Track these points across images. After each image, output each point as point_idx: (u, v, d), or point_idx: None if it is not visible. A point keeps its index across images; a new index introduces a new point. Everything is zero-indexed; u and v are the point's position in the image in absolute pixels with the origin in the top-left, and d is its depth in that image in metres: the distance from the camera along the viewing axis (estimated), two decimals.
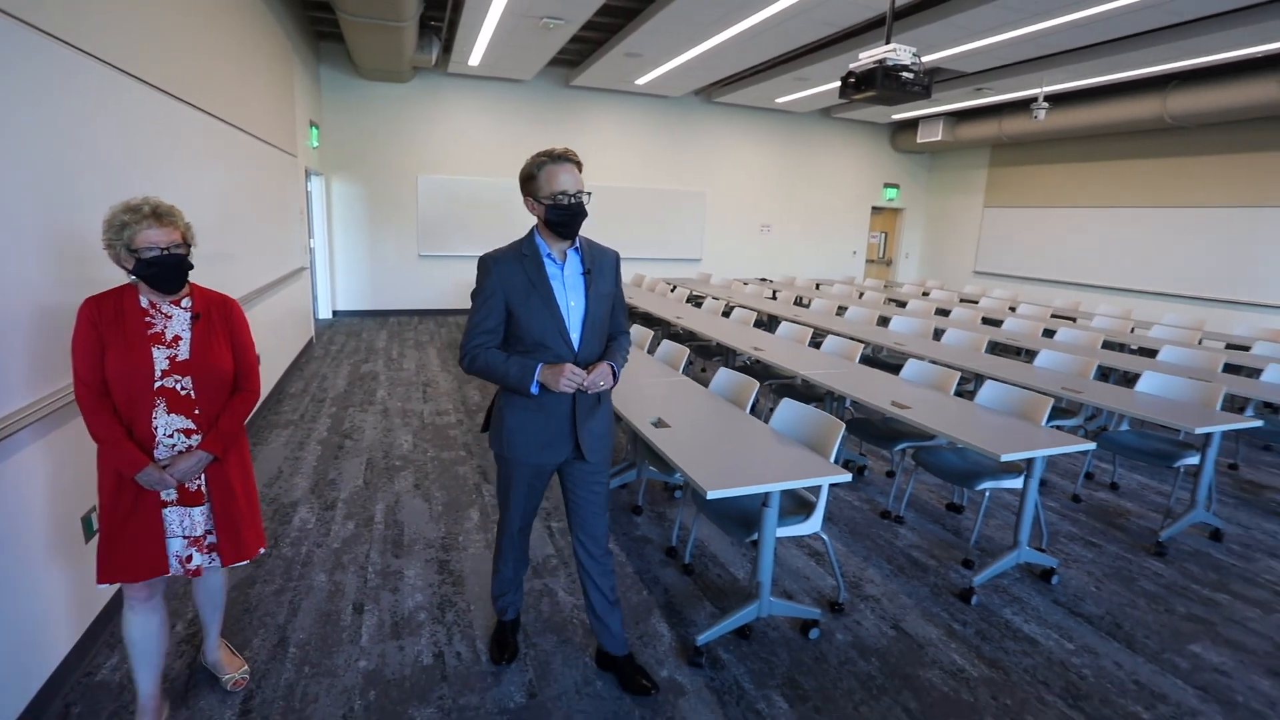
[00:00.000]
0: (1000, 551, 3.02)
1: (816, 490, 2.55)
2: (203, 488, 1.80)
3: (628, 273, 9.94)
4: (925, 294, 8.81)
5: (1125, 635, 2.58)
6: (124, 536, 1.72)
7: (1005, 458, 2.57)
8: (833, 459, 2.43)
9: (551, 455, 2.02)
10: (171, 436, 1.73)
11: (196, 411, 1.75)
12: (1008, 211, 10.71)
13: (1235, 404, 4.58)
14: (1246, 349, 5.46)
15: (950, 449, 3.35)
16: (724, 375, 3.36)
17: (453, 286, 9.51)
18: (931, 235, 12.34)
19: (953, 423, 2.94)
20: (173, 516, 1.78)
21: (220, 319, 1.82)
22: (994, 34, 5.86)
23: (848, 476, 2.28)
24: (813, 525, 2.49)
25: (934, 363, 3.86)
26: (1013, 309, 7.41)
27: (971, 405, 3.30)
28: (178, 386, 1.72)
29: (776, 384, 4.54)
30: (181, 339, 1.73)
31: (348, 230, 8.87)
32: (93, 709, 2.00)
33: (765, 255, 11.38)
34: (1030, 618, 2.68)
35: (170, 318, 1.74)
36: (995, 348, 5.72)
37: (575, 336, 1.95)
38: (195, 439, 1.75)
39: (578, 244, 1.98)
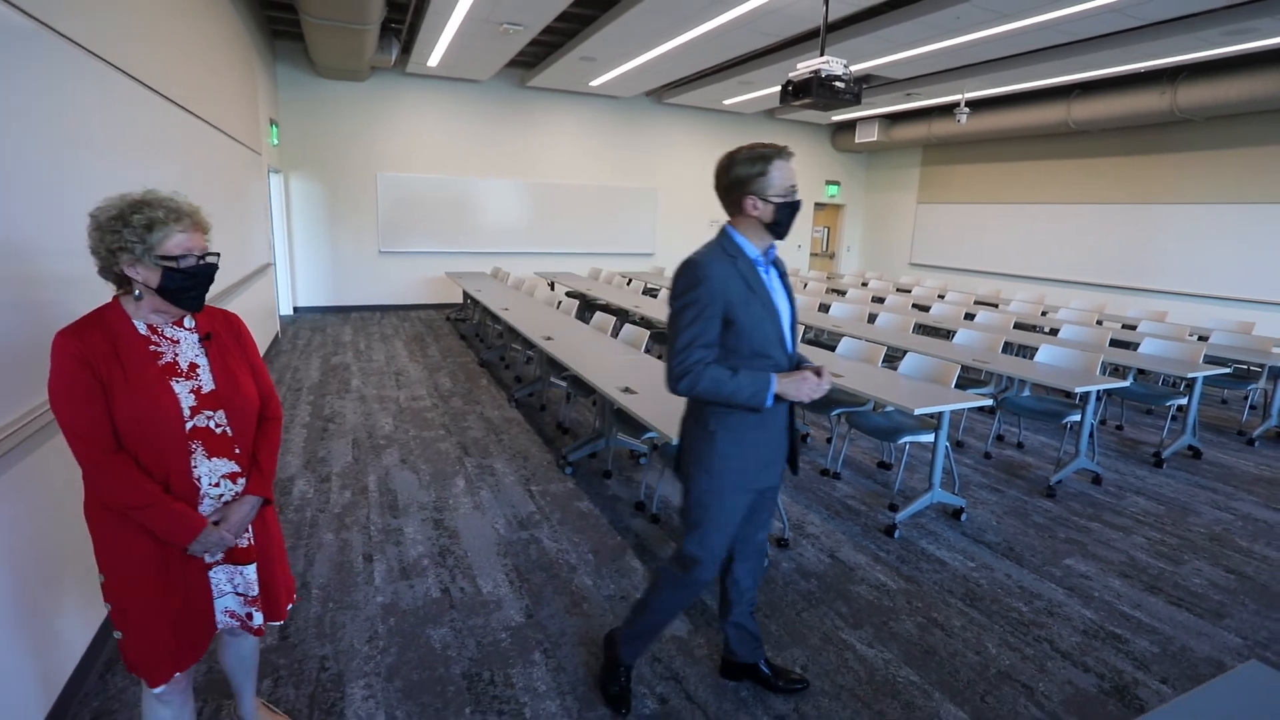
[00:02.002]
0: (919, 495, 3.55)
1: None
2: (251, 540, 1.53)
3: (583, 267, 10.31)
4: (864, 284, 9.48)
5: (1016, 555, 3.14)
6: (171, 618, 1.43)
7: (918, 411, 3.09)
8: None
9: (771, 474, 1.88)
10: (218, 485, 1.45)
11: (237, 451, 1.47)
12: (938, 207, 11.52)
13: (1122, 373, 5.28)
14: (1134, 328, 6.23)
15: (877, 412, 3.88)
16: None
17: (413, 282, 9.70)
18: (870, 230, 13.11)
19: (878, 387, 3.45)
20: (220, 576, 1.52)
21: (231, 337, 1.54)
22: (917, 46, 6.47)
23: None
24: None
25: (866, 340, 4.39)
26: (941, 296, 8.11)
27: (894, 374, 3.83)
28: (212, 425, 1.43)
29: None
30: (199, 367, 1.44)
31: (307, 227, 8.97)
32: None
33: None
34: (941, 546, 3.21)
35: (177, 342, 1.43)
36: (922, 329, 6.34)
37: (789, 341, 1.84)
38: (239, 484, 1.48)
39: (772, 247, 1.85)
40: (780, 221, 1.75)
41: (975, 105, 9.14)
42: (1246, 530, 3.50)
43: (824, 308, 6.62)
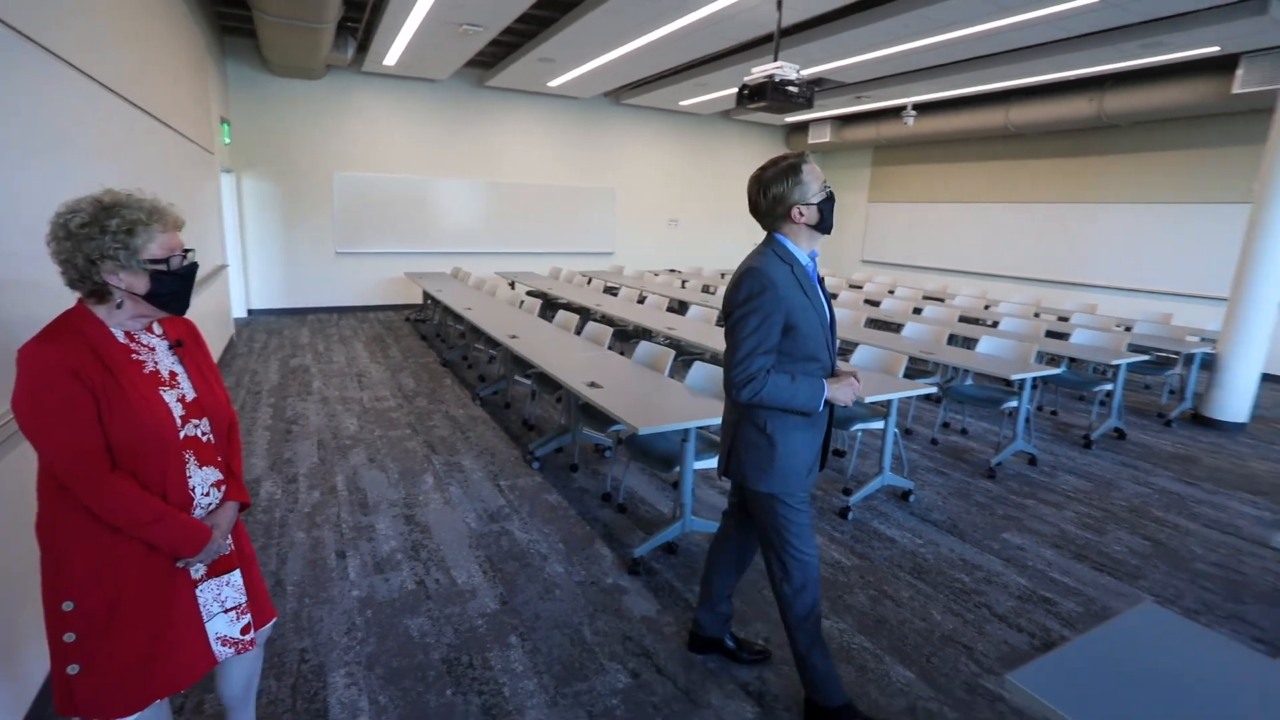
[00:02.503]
0: (870, 479, 3.76)
1: None
2: (231, 545, 1.49)
3: (543, 267, 10.36)
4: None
5: (959, 531, 3.37)
6: (146, 645, 1.34)
7: (869, 400, 3.29)
8: None
9: (814, 477, 1.93)
10: (208, 494, 1.42)
11: (219, 459, 1.46)
12: (888, 206, 11.93)
13: (1055, 361, 5.62)
14: (1068, 320, 6.63)
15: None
16: (644, 347, 3.93)
17: (372, 283, 9.61)
18: None
19: None
20: (208, 595, 1.44)
21: (195, 344, 1.50)
22: (866, 52, 6.74)
23: None
24: None
25: None
26: (891, 292, 8.45)
27: (846, 365, 4.03)
28: (199, 433, 1.40)
29: (689, 359, 5.17)
30: (178, 375, 1.40)
31: (261, 228, 8.80)
32: None
33: (674, 248, 12.10)
34: (891, 525, 3.42)
35: (153, 350, 1.38)
36: (873, 323, 6.61)
37: (832, 344, 1.91)
38: (222, 490, 1.46)
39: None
40: (825, 218, 1.85)
41: (922, 108, 9.52)
42: (1162, 502, 3.82)
43: None
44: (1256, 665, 1.34)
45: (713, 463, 3.07)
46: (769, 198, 1.82)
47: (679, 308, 6.83)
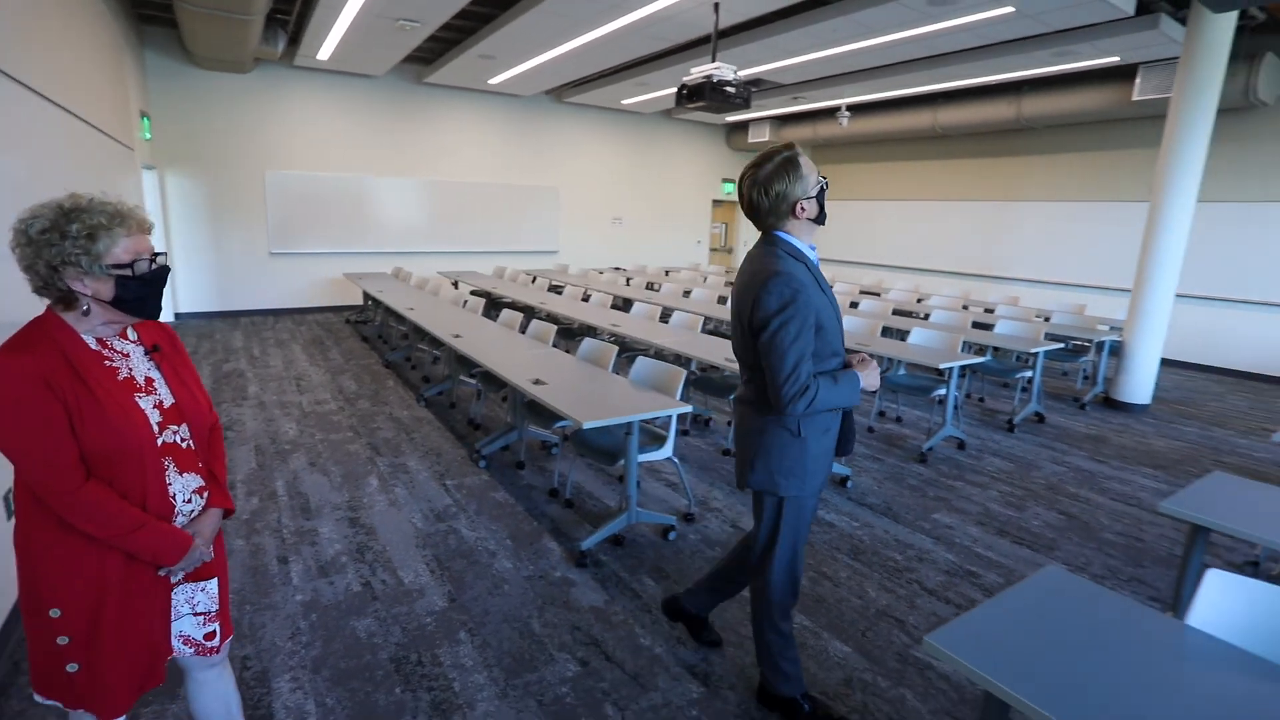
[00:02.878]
0: None
1: (667, 424, 3.24)
2: (211, 553, 1.47)
3: (486, 266, 10.26)
4: None
5: (893, 513, 3.54)
6: (138, 642, 1.37)
7: None
8: (678, 398, 3.13)
9: (830, 470, 1.92)
10: (189, 501, 1.41)
11: (200, 465, 1.44)
12: (826, 203, 12.28)
13: (981, 351, 5.95)
14: (993, 311, 7.00)
15: None
16: (588, 344, 3.98)
17: (309, 284, 9.32)
18: None
19: None
20: (180, 598, 1.46)
21: (171, 349, 1.47)
22: (800, 54, 6.94)
23: (688, 408, 2.99)
24: (666, 451, 3.18)
25: None
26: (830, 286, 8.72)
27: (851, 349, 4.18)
28: (178, 439, 1.39)
29: (633, 355, 5.24)
30: (154, 380, 1.38)
31: (188, 227, 8.41)
32: None
33: (618, 246, 12.15)
34: (830, 510, 3.57)
35: (127, 356, 1.36)
36: None
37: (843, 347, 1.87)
38: (204, 497, 1.45)
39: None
40: (822, 209, 1.81)
41: (856, 109, 9.85)
42: (1075, 479, 4.11)
43: (723, 299, 6.99)
44: (1142, 615, 1.50)
45: (656, 455, 3.14)
46: (771, 196, 1.75)
47: (624, 305, 6.89)
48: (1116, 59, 6.47)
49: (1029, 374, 5.29)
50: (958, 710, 2.13)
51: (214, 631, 1.51)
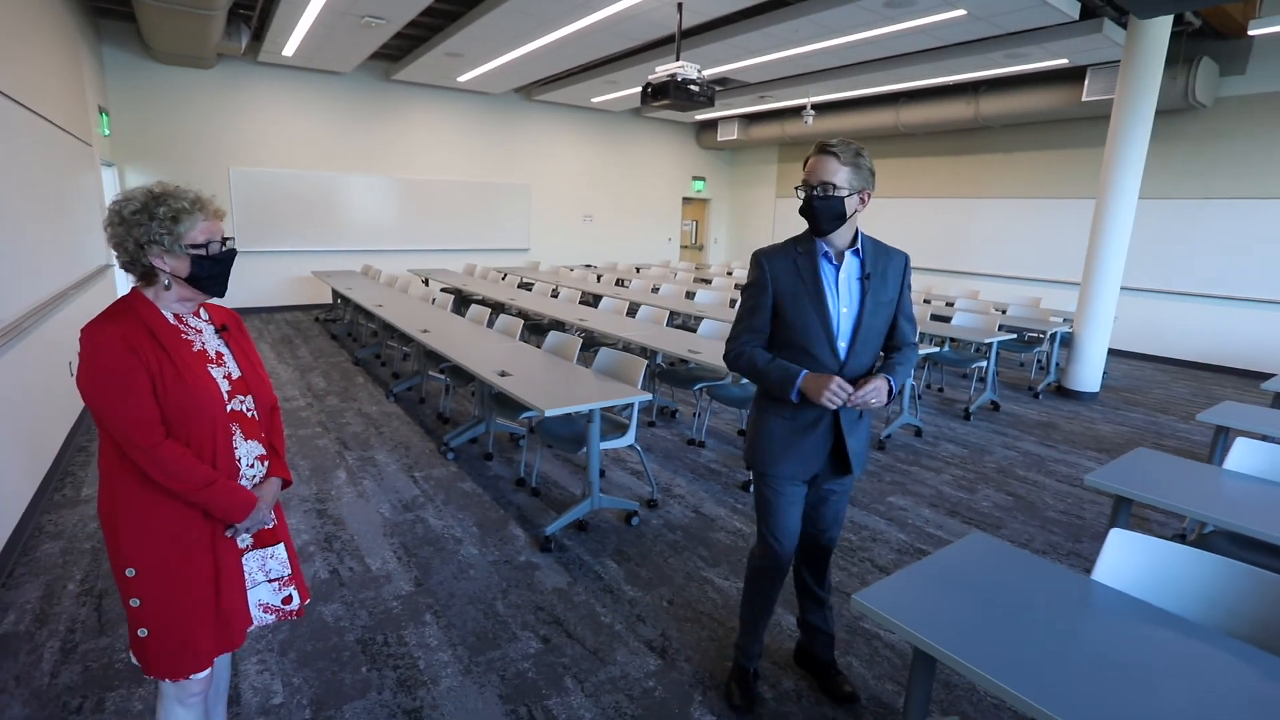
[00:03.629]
0: None
1: (629, 413, 3.33)
2: (274, 520, 1.60)
3: (457, 263, 10.25)
4: (729, 273, 10.15)
5: (851, 497, 3.66)
6: (210, 606, 1.45)
7: None
8: (639, 386, 3.22)
9: (806, 469, 1.90)
10: (253, 466, 1.52)
11: (262, 435, 1.56)
12: (793, 201, 12.42)
13: (939, 342, 6.15)
14: (953, 304, 7.22)
15: (735, 384, 4.34)
16: (553, 336, 4.05)
17: (277, 283, 9.22)
18: (735, 222, 13.96)
19: None
20: (252, 564, 1.55)
21: (238, 330, 1.60)
22: (763, 54, 7.08)
23: (648, 396, 3.09)
24: (628, 439, 3.27)
25: (724, 321, 4.85)
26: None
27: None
28: (244, 409, 1.51)
29: (599, 348, 5.33)
30: (224, 355, 1.51)
31: None
32: None
33: (589, 243, 12.22)
34: None
35: (200, 332, 1.49)
36: None
37: (843, 346, 1.82)
38: (265, 466, 1.56)
39: (859, 244, 1.84)
40: (803, 210, 1.81)
41: (820, 108, 10.05)
42: (1025, 463, 4.30)
43: (690, 295, 7.11)
44: (1054, 573, 1.63)
45: (619, 442, 3.23)
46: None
47: (593, 301, 6.96)
48: (1065, 61, 6.72)
49: (983, 364, 5.49)
50: (899, 675, 2.25)
51: (291, 595, 1.62)
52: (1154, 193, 7.38)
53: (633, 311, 5.71)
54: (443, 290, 7.20)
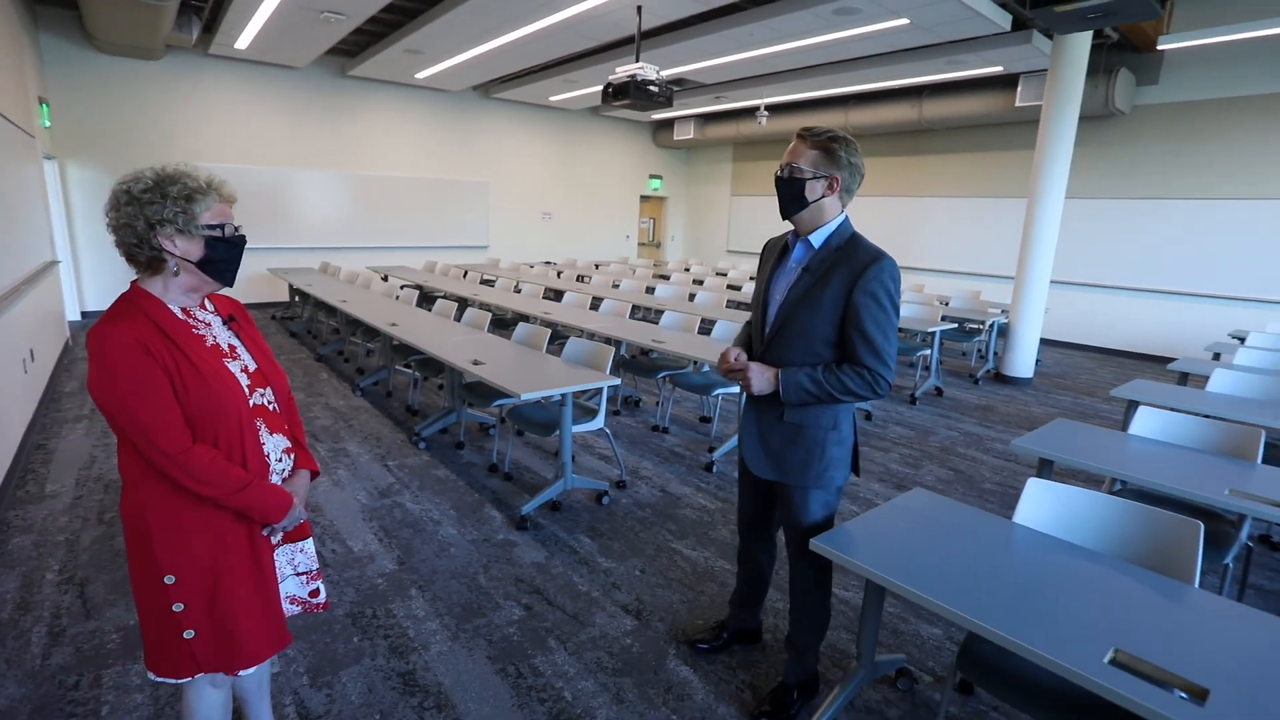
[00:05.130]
0: (731, 437, 4.24)
1: (598, 399, 3.50)
2: (307, 515, 1.56)
3: (416, 261, 10.21)
4: (687, 269, 10.39)
5: None
6: (255, 604, 1.41)
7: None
8: (607, 372, 3.39)
9: (749, 458, 1.95)
10: (280, 460, 1.46)
11: (285, 427, 1.50)
12: (749, 199, 12.83)
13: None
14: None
15: (696, 372, 4.54)
16: (522, 328, 4.18)
17: None
18: (692, 220, 14.23)
19: (695, 350, 4.09)
20: (281, 560, 1.52)
21: (245, 320, 1.53)
22: (719, 56, 7.32)
23: (617, 381, 3.27)
24: (598, 423, 3.44)
25: (685, 313, 5.06)
26: (753, 278, 9.19)
27: (707, 339, 4.51)
28: (265, 402, 1.45)
29: (568, 339, 5.47)
30: (237, 348, 1.44)
31: (94, 221, 8.02)
32: None
33: (548, 240, 12.31)
34: None
35: (210, 325, 1.42)
36: (734, 304, 7.24)
37: (766, 334, 1.85)
38: (291, 458, 1.50)
39: (818, 234, 1.81)
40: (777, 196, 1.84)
41: (774, 109, 10.37)
42: (965, 441, 4.63)
43: (650, 290, 7.31)
44: (982, 518, 1.87)
45: (589, 426, 3.40)
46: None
47: (555, 296, 7.09)
48: (1000, 69, 7.16)
49: (927, 352, 5.84)
50: (853, 626, 2.48)
51: (318, 589, 1.60)
52: (1079, 192, 7.92)
53: (595, 305, 5.87)
54: (404, 287, 7.21)
